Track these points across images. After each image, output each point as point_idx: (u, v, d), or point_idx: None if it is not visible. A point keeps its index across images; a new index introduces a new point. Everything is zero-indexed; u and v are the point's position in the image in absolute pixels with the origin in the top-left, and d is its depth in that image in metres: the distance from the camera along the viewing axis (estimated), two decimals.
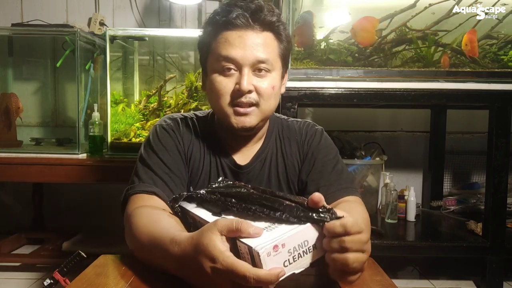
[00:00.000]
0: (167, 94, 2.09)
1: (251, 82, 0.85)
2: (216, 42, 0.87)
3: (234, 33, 0.85)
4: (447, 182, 2.49)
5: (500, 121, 1.79)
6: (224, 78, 0.86)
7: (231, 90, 0.85)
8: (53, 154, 1.93)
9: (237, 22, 0.84)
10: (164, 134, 0.92)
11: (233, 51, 0.84)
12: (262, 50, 0.85)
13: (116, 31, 2.01)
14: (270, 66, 0.86)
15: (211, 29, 0.88)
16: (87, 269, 0.70)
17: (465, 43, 1.80)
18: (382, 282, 0.67)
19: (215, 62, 0.86)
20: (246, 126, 0.87)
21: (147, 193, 0.83)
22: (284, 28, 0.89)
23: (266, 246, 0.52)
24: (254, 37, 0.85)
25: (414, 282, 2.07)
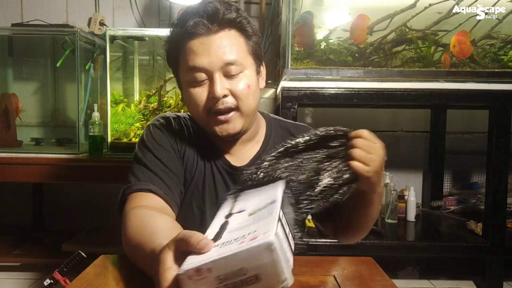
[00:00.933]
0: (167, 94, 2.09)
1: (224, 87, 0.82)
2: (182, 54, 0.85)
3: (196, 41, 0.82)
4: (447, 182, 2.49)
5: (500, 121, 1.80)
6: (197, 89, 0.84)
7: (205, 99, 0.83)
8: (53, 154, 1.93)
9: (197, 30, 0.81)
10: (157, 133, 0.90)
11: (198, 60, 0.81)
12: (229, 51, 0.82)
13: (116, 31, 2.01)
14: (240, 66, 0.83)
15: (173, 43, 0.87)
16: (87, 269, 0.70)
17: (453, 44, 1.80)
18: (382, 282, 0.67)
19: (185, 74, 0.85)
20: (230, 133, 0.86)
21: (144, 191, 0.81)
22: (247, 22, 0.86)
23: (188, 268, 0.45)
24: (217, 40, 0.82)
25: (414, 282, 2.07)
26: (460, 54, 1.81)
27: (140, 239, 0.67)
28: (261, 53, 0.91)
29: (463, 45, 1.79)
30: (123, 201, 0.83)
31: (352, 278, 0.69)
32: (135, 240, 0.68)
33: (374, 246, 1.79)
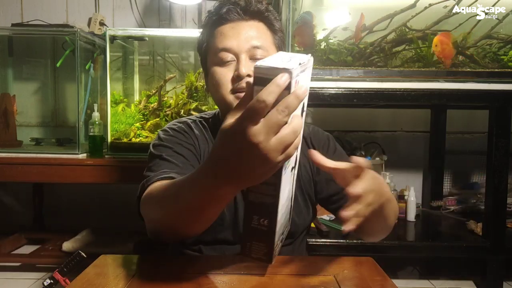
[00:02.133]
0: (167, 94, 2.09)
1: (250, 68, 0.86)
2: (212, 38, 0.90)
3: (227, 26, 0.89)
4: (447, 182, 2.49)
5: (500, 121, 1.79)
6: (223, 68, 0.88)
7: (230, 78, 0.87)
8: (53, 154, 1.93)
9: (229, 16, 0.88)
10: (177, 134, 0.91)
11: (228, 41, 0.87)
12: (256, 37, 0.88)
13: (116, 31, 2.01)
14: (265, 52, 0.88)
15: (207, 29, 0.93)
16: (87, 269, 0.70)
17: (435, 44, 1.80)
18: (382, 282, 0.67)
19: (213, 56, 0.89)
20: None
21: (165, 179, 0.77)
22: (275, 18, 0.92)
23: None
24: (247, 26, 0.88)
25: (414, 282, 2.07)
26: (441, 55, 1.80)
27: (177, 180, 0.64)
28: (284, 50, 0.94)
29: (445, 46, 1.79)
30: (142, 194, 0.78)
31: (352, 278, 0.69)
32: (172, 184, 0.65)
33: (374, 246, 1.79)
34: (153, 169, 0.83)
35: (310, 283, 0.66)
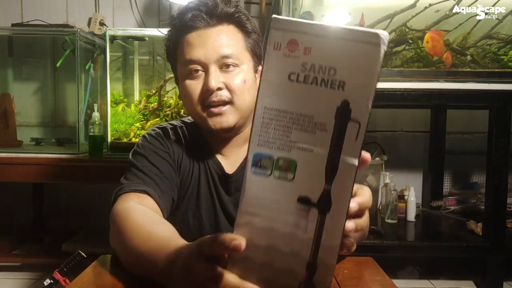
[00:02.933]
0: (167, 94, 2.09)
1: (219, 79, 0.82)
2: (179, 47, 0.85)
3: (194, 34, 0.83)
4: (447, 182, 2.49)
5: (500, 121, 1.79)
6: (192, 81, 0.84)
7: (199, 91, 0.83)
8: (53, 154, 1.93)
9: (194, 23, 0.82)
10: (153, 141, 0.89)
11: (195, 52, 0.82)
12: (226, 44, 0.82)
13: (116, 31, 2.01)
14: (236, 60, 0.83)
15: (173, 37, 0.87)
16: (87, 269, 0.70)
17: (426, 40, 1.80)
18: (382, 282, 0.67)
19: (182, 67, 0.85)
20: (223, 127, 0.84)
21: (138, 192, 0.79)
22: (247, 18, 0.86)
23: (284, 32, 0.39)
24: (215, 33, 0.82)
25: (414, 282, 2.07)
26: (431, 51, 1.80)
27: (145, 243, 0.62)
28: (260, 52, 0.90)
29: (436, 43, 1.79)
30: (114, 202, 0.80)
31: (352, 278, 0.68)
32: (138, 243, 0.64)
33: (374, 246, 1.79)
34: (128, 178, 0.84)
35: None
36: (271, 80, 0.40)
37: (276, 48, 0.39)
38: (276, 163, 0.40)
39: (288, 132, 0.40)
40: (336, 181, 0.40)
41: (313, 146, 0.40)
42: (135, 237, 0.65)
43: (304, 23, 0.39)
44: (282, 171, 0.40)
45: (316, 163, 0.40)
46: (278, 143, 0.40)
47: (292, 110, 0.40)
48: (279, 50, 0.39)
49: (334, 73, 0.38)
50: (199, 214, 0.89)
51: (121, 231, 0.69)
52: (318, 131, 0.39)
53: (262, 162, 0.41)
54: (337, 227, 0.40)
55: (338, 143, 0.39)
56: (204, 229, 0.89)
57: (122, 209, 0.74)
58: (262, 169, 0.41)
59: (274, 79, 0.40)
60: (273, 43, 0.39)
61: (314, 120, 0.39)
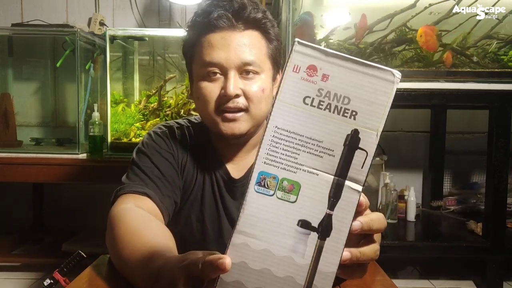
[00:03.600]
0: (167, 94, 2.09)
1: (238, 86, 0.79)
2: (199, 46, 0.82)
3: (216, 35, 0.79)
4: (447, 182, 2.49)
5: (500, 121, 1.79)
6: (209, 83, 0.80)
7: (216, 95, 0.80)
8: (53, 154, 1.93)
9: (219, 23, 0.78)
10: (158, 140, 0.87)
11: (216, 54, 0.78)
12: (248, 51, 0.79)
13: (116, 31, 2.01)
14: (257, 68, 0.80)
15: (192, 33, 0.84)
16: (87, 269, 0.70)
17: (420, 34, 1.80)
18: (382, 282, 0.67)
19: (199, 68, 0.82)
20: (235, 133, 0.81)
21: (138, 193, 0.78)
22: (272, 25, 0.83)
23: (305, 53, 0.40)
24: (239, 37, 0.79)
25: (414, 282, 2.07)
26: (424, 45, 1.80)
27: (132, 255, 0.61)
28: (280, 60, 0.88)
29: (429, 38, 1.79)
30: (115, 201, 0.79)
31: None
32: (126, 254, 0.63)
33: None
34: (129, 177, 0.83)
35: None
36: (286, 101, 0.41)
37: (295, 71, 0.40)
38: (280, 184, 0.40)
39: (296, 154, 0.40)
40: (339, 207, 0.40)
41: (319, 170, 0.40)
42: (124, 248, 0.64)
43: (326, 51, 0.40)
44: (285, 192, 0.40)
45: (321, 187, 0.40)
46: (285, 164, 0.40)
47: (303, 133, 0.40)
48: (298, 73, 0.40)
49: (348, 102, 0.40)
50: (202, 218, 0.88)
51: (113, 238, 0.68)
52: (326, 155, 0.40)
53: (267, 181, 0.40)
54: (336, 254, 0.40)
55: (344, 169, 0.40)
56: (207, 234, 0.88)
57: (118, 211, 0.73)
58: (266, 188, 0.40)
59: (289, 101, 0.40)
60: (293, 65, 0.40)
61: (323, 145, 0.40)
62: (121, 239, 0.65)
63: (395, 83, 0.40)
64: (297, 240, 0.40)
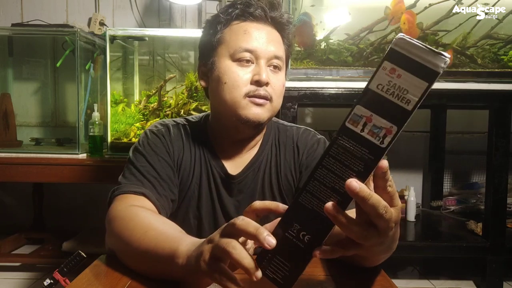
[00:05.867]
0: (167, 94, 2.09)
1: (269, 76, 0.83)
2: (230, 31, 0.85)
3: (252, 25, 0.84)
4: (447, 182, 2.49)
5: (500, 121, 1.79)
6: (241, 68, 0.83)
7: (248, 81, 0.82)
8: (53, 154, 1.93)
9: (256, 13, 0.84)
10: (154, 139, 0.88)
11: (253, 42, 0.83)
12: (278, 46, 0.85)
13: (116, 31, 2.01)
14: (281, 63, 0.86)
15: (223, 21, 0.86)
16: (87, 269, 0.70)
17: (403, 22, 1.80)
18: (382, 282, 0.67)
19: (232, 52, 0.83)
20: (260, 119, 0.83)
21: (135, 193, 0.79)
22: (289, 32, 0.90)
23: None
24: (271, 32, 0.85)
25: (414, 282, 2.07)
26: (407, 33, 1.80)
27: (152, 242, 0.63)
28: (289, 64, 0.94)
29: (411, 25, 1.79)
30: (111, 202, 0.80)
31: (352, 278, 0.69)
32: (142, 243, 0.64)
33: None
34: (126, 176, 0.84)
35: (309, 283, 0.65)
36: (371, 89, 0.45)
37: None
38: None
39: None
40: None
41: None
42: (147, 232, 0.66)
43: None
44: None
45: None
46: None
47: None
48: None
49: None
50: (199, 215, 0.89)
51: (126, 230, 0.69)
52: None
53: None
54: None
55: None
56: (203, 230, 0.89)
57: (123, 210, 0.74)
58: None
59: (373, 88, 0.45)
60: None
61: None
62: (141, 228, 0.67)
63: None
64: None
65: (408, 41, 0.42)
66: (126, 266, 0.69)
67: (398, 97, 0.43)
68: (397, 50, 0.42)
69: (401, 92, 0.43)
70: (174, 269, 0.58)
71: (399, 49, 0.42)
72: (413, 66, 0.42)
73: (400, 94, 0.43)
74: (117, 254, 0.71)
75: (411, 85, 0.43)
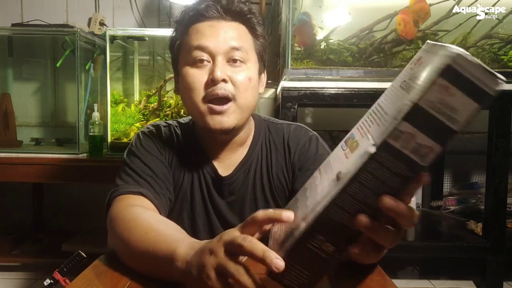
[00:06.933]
0: (167, 94, 2.09)
1: (226, 72, 0.79)
2: (186, 35, 0.83)
3: (205, 24, 0.81)
4: (447, 182, 2.49)
5: (500, 121, 1.79)
6: (196, 70, 0.80)
7: (204, 82, 0.79)
8: (53, 154, 1.93)
9: (208, 13, 0.81)
10: (147, 140, 0.88)
11: (204, 40, 0.79)
12: (236, 38, 0.81)
13: (116, 31, 2.01)
14: (245, 55, 0.81)
15: (181, 26, 0.85)
16: (87, 269, 0.70)
17: (399, 22, 1.79)
18: (382, 282, 0.67)
19: (186, 54, 0.82)
20: (224, 127, 0.80)
21: (133, 193, 0.79)
22: (257, 22, 0.86)
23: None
24: (227, 26, 0.81)
25: (414, 282, 2.07)
26: (403, 33, 1.79)
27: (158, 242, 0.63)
28: (265, 58, 0.89)
29: (408, 25, 1.78)
30: (110, 204, 0.80)
31: (352, 278, 0.68)
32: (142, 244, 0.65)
33: None
34: (122, 178, 0.84)
35: None
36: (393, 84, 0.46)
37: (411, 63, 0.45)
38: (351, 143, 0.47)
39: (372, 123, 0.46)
40: None
41: None
42: (148, 233, 0.66)
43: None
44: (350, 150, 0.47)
45: None
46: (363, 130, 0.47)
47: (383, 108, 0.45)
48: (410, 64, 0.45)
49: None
50: (193, 216, 0.89)
51: (128, 231, 0.69)
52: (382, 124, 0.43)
53: (349, 140, 0.48)
54: None
55: None
56: (198, 231, 0.89)
57: (123, 210, 0.74)
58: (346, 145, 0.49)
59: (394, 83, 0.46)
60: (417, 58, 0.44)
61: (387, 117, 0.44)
62: (141, 229, 0.67)
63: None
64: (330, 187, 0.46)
65: (468, 59, 0.39)
66: (127, 266, 0.69)
67: (446, 116, 0.41)
68: (454, 68, 0.39)
69: (451, 111, 0.41)
70: (174, 272, 0.58)
71: (457, 66, 0.39)
72: (468, 85, 0.39)
73: (449, 113, 0.41)
74: (118, 254, 0.72)
75: (462, 105, 0.41)
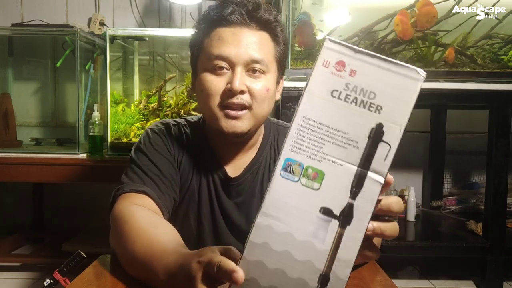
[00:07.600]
0: (167, 94, 2.09)
1: (244, 83, 0.79)
2: (208, 39, 0.82)
3: (228, 30, 0.80)
4: (447, 182, 2.49)
5: (500, 121, 1.79)
6: (215, 77, 0.80)
7: (221, 90, 0.79)
8: (53, 154, 1.93)
9: (232, 18, 0.79)
10: (155, 138, 0.88)
11: (226, 48, 0.79)
12: (258, 49, 0.80)
13: (116, 31, 2.01)
14: (265, 67, 0.81)
15: (204, 26, 0.84)
16: (87, 269, 0.70)
17: (397, 24, 1.79)
18: (382, 282, 0.67)
19: (206, 60, 0.81)
20: (237, 132, 0.81)
21: (138, 192, 0.79)
22: (281, 30, 0.85)
23: (336, 49, 0.43)
24: (250, 35, 0.80)
25: (414, 282, 2.07)
26: (401, 34, 1.79)
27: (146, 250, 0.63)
28: (285, 65, 0.89)
29: (405, 26, 1.78)
30: (114, 201, 0.80)
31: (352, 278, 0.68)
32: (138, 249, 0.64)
33: None
34: (128, 175, 0.84)
35: None
36: (315, 93, 0.43)
37: (324, 65, 0.43)
38: (305, 171, 0.42)
39: (322, 143, 0.42)
40: (361, 196, 0.41)
41: (343, 161, 0.42)
42: (136, 242, 0.65)
43: (354, 48, 0.43)
44: (309, 179, 0.42)
45: (344, 177, 0.42)
46: (310, 152, 0.42)
47: (329, 124, 0.42)
48: (327, 68, 0.43)
49: (373, 97, 0.42)
50: (199, 216, 0.89)
51: (121, 234, 0.69)
52: (350, 147, 0.42)
53: (292, 167, 0.42)
54: (355, 242, 0.41)
55: (368, 161, 0.42)
56: (204, 232, 0.89)
57: (122, 210, 0.74)
58: (291, 174, 0.42)
59: (318, 93, 0.43)
60: (323, 60, 0.43)
61: (348, 137, 0.42)
62: (131, 236, 0.66)
63: (419, 81, 0.43)
64: (318, 226, 0.41)
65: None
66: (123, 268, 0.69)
67: None
68: None
69: None
70: (160, 285, 0.58)
71: None
72: None
73: None
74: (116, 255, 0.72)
75: None
